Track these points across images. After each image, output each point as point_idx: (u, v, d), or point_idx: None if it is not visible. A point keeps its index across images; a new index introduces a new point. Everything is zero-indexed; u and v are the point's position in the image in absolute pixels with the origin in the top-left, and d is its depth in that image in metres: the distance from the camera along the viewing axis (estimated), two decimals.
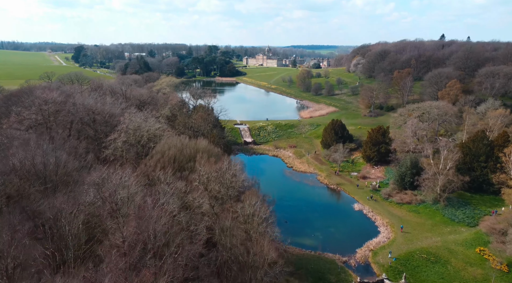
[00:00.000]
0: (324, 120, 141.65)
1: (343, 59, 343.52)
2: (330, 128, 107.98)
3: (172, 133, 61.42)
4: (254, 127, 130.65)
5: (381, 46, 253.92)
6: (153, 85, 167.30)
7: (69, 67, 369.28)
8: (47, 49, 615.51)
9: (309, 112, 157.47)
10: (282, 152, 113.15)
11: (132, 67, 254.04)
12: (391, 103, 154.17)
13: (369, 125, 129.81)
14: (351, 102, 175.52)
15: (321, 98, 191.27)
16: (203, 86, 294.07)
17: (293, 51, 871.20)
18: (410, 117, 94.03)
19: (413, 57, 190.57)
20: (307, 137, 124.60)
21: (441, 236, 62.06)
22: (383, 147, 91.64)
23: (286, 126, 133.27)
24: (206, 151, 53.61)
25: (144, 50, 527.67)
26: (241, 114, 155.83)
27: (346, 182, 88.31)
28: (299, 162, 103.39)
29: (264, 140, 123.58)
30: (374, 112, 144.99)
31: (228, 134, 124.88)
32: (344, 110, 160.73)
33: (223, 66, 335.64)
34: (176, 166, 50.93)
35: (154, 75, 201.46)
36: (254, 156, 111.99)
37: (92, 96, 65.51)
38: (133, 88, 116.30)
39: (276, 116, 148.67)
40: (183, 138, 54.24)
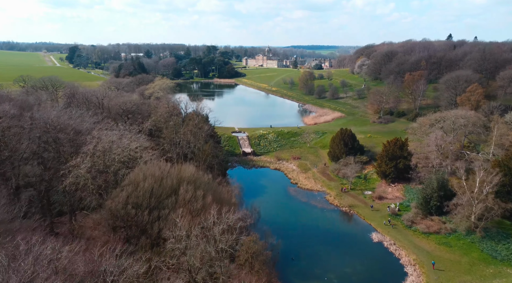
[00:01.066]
0: (330, 127, 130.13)
1: (345, 60, 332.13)
2: (338, 138, 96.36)
3: (155, 154, 49.83)
4: (253, 136, 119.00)
5: (387, 47, 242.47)
6: (146, 89, 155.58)
7: (62, 68, 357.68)
8: (42, 50, 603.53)
9: (313, 118, 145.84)
10: (285, 165, 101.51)
11: (126, 69, 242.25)
12: (401, 108, 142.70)
13: (380, 133, 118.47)
14: (357, 106, 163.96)
15: (325, 102, 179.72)
16: (200, 88, 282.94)
17: (293, 51, 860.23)
18: (433, 128, 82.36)
19: (423, 59, 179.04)
20: (312, 147, 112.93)
21: (483, 280, 50.50)
22: (401, 162, 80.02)
23: (289, 134, 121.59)
24: (193, 180, 42.03)
25: (142, 51, 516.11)
26: (240, 121, 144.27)
27: (359, 202, 76.67)
28: (304, 177, 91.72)
29: (265, 151, 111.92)
30: (384, 119, 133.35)
31: (225, 144, 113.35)
32: (350, 115, 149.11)
33: (222, 67, 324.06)
34: (153, 202, 39.32)
35: (147, 77, 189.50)
36: (254, 169, 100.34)
37: (56, 108, 53.89)
38: (120, 94, 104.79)
39: (278, 123, 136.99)
40: (163, 165, 42.66)
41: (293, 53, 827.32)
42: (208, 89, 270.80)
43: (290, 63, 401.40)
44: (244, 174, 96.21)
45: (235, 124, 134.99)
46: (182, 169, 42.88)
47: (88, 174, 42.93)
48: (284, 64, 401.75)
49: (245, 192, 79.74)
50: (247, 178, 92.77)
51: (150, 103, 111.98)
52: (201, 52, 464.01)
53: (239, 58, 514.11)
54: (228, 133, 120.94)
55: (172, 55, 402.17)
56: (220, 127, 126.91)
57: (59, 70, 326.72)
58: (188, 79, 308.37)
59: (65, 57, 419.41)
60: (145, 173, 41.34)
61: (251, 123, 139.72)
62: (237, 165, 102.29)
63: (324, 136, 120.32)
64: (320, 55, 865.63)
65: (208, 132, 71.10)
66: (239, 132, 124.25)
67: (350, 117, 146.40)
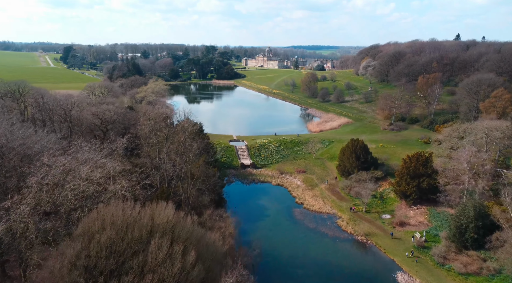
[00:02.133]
0: (337, 135, 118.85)
1: (349, 61, 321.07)
2: (349, 151, 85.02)
3: (126, 187, 38.47)
4: (253, 145, 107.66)
5: (393, 47, 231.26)
6: (137, 92, 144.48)
7: (56, 69, 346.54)
8: (38, 50, 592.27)
9: (318, 124, 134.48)
10: (288, 180, 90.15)
11: (120, 70, 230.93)
12: (414, 114, 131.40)
13: (393, 142, 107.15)
14: (365, 111, 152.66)
15: (329, 106, 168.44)
16: (198, 90, 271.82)
17: (293, 51, 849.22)
18: (462, 141, 71.01)
19: (434, 60, 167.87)
20: (318, 158, 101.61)
21: None
22: (425, 181, 68.74)
23: (292, 143, 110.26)
24: (170, 228, 30.74)
25: (140, 51, 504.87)
26: (238, 127, 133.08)
27: (377, 229, 65.35)
28: (311, 195, 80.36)
29: (266, 162, 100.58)
30: (396, 126, 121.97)
31: (222, 155, 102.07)
32: (358, 121, 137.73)
33: (221, 68, 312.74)
34: (112, 264, 28.02)
35: (140, 80, 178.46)
36: (254, 184, 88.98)
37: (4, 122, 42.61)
38: (103, 100, 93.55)
39: (280, 130, 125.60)
40: (129, 207, 31.27)
41: (294, 53, 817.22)
42: (206, 92, 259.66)
43: (291, 64, 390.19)
44: (242, 191, 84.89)
45: (233, 132, 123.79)
46: (156, 212, 31.62)
47: (28, 218, 31.62)
48: (285, 65, 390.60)
49: (244, 216, 68.73)
50: (246, 196, 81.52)
51: (139, 110, 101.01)
52: (199, 53, 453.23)
53: (239, 58, 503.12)
54: (225, 142, 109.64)
55: (170, 56, 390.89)
56: (217, 136, 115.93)
57: (52, 71, 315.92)
58: (185, 80, 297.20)
59: (60, 57, 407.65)
60: (104, 219, 30.05)
61: (250, 130, 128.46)
62: (235, 179, 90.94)
63: (331, 145, 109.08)
64: (321, 56, 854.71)
65: (198, 150, 59.57)
66: (237, 141, 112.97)
67: (358, 123, 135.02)
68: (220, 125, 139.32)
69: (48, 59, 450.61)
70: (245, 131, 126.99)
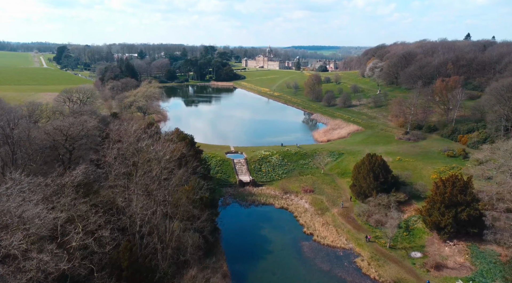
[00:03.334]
0: (347, 145, 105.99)
1: (353, 62, 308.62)
2: (366, 169, 72.17)
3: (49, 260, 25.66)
4: (253, 159, 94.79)
5: (402, 47, 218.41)
6: (125, 96, 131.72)
7: (48, 69, 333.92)
8: (33, 50, 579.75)
9: (325, 132, 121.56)
10: (294, 201, 77.34)
11: (112, 71, 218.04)
12: (431, 121, 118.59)
13: (412, 155, 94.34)
14: (375, 117, 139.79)
15: (336, 111, 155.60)
16: (196, 92, 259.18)
17: (294, 52, 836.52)
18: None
19: (449, 61, 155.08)
20: (327, 174, 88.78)
21: None
22: (465, 211, 55.89)
23: (297, 156, 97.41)
24: None
25: (137, 51, 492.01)
26: (236, 136, 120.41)
27: (407, 274, 52.44)
28: (321, 222, 67.53)
29: (267, 179, 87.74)
30: (412, 135, 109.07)
31: (218, 170, 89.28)
32: (369, 129, 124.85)
33: (220, 69, 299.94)
34: None
35: (131, 82, 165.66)
36: (253, 207, 76.13)
37: None
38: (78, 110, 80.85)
39: (283, 140, 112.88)
40: None
41: (295, 53, 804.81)
42: (203, 94, 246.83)
43: (292, 65, 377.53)
44: (240, 216, 72.09)
45: (230, 141, 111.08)
46: None
47: None
48: (286, 66, 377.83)
49: (241, 253, 56.33)
50: (244, 223, 68.74)
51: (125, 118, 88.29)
52: (198, 53, 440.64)
53: (239, 59, 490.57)
54: (221, 154, 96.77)
55: (167, 56, 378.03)
56: (212, 147, 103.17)
57: (43, 72, 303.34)
58: (182, 82, 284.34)
59: (53, 58, 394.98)
60: None
61: (250, 140, 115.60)
62: (231, 200, 78.14)
63: (341, 158, 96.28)
64: (322, 56, 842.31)
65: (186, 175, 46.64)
66: (235, 153, 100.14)
67: (369, 131, 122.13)
68: (216, 133, 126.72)
69: (42, 59, 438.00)
70: (244, 140, 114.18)
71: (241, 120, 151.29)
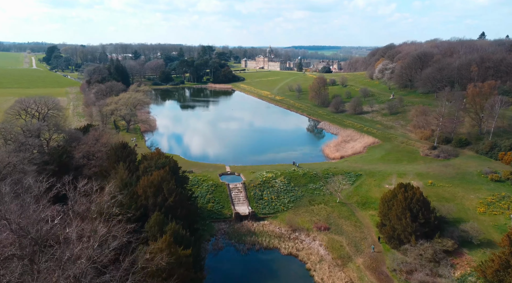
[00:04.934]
0: (365, 164, 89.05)
1: (359, 63, 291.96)
2: (401, 206, 55.18)
3: None
4: (253, 182, 77.77)
5: (415, 47, 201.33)
6: (105, 104, 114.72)
7: (37, 70, 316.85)
8: (26, 50, 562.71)
9: (336, 146, 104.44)
10: (305, 243, 60.39)
11: (100, 73, 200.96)
12: (460, 132, 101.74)
13: (445, 178, 77.55)
14: (392, 126, 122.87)
15: (345, 119, 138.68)
16: (191, 95, 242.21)
17: (295, 52, 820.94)
18: None
19: (472, 62, 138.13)
20: (343, 204, 71.84)
21: None
22: None
23: (306, 178, 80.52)
24: None
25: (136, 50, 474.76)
26: (233, 151, 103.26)
27: None
28: (344, 280, 50.57)
29: (271, 210, 70.76)
30: (442, 151, 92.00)
31: (209, 198, 72.36)
32: (387, 142, 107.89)
33: (217, 70, 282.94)
34: None
35: (118, 86, 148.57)
36: (253, 252, 59.17)
37: None
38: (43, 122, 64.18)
39: (287, 156, 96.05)
40: None
41: (295, 53, 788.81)
42: (199, 98, 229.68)
43: (294, 66, 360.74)
44: (235, 267, 55.14)
45: (225, 158, 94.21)
46: None
47: None
48: (287, 67, 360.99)
49: None
50: (240, 281, 51.81)
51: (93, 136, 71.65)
52: (196, 53, 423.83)
53: (238, 59, 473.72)
54: (214, 177, 79.76)
55: (163, 57, 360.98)
56: (203, 166, 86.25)
57: (30, 73, 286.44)
58: (177, 84, 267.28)
59: (43, 58, 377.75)
60: None
61: (249, 156, 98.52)
62: (225, 242, 61.21)
63: (359, 181, 79.40)
64: (323, 56, 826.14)
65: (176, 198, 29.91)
66: (231, 174, 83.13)
67: (387, 144, 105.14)
68: (209, 147, 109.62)
69: (33, 60, 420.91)
70: (242, 156, 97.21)
71: (239, 131, 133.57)
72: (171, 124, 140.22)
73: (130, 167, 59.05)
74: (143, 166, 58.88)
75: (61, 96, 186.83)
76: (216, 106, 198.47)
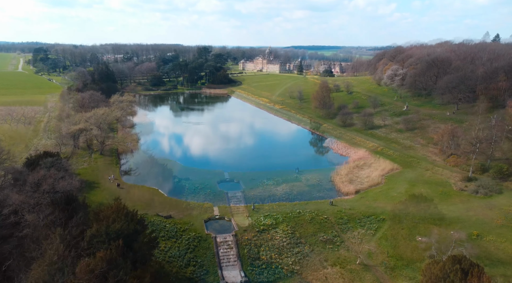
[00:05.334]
0: (387, 201, 71.81)
1: (363, 66, 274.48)
2: None
3: None
4: (248, 233, 60.48)
5: (427, 51, 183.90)
6: (74, 122, 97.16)
7: (21, 74, 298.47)
8: (16, 51, 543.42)
9: (348, 174, 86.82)
10: None
11: (83, 78, 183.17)
12: (498, 158, 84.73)
13: (492, 227, 60.68)
14: (410, 146, 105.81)
15: (355, 135, 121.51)
16: (184, 102, 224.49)
17: (294, 52, 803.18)
18: None
19: (500, 70, 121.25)
20: (366, 266, 54.64)
21: None
22: None
23: (314, 225, 63.33)
24: None
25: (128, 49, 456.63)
26: (222, 184, 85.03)
27: None
28: None
29: (270, 278, 53.22)
30: (481, 185, 74.75)
31: (188, 259, 55.02)
32: (408, 168, 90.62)
33: (213, 74, 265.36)
34: None
35: (95, 96, 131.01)
36: None
37: None
38: None
39: (291, 192, 78.87)
40: None
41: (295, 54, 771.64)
42: (192, 105, 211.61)
43: (294, 67, 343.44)
44: None
45: (213, 196, 76.48)
46: None
47: None
48: (287, 69, 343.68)
49: None
50: None
51: None
52: (191, 55, 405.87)
53: (236, 61, 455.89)
54: (198, 226, 62.41)
55: (157, 58, 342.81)
56: (186, 206, 68.78)
57: (11, 78, 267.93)
58: (170, 89, 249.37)
59: (29, 60, 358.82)
60: None
61: (242, 190, 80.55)
62: None
63: (383, 230, 62.42)
64: (323, 57, 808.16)
65: None
66: (220, 219, 65.79)
67: (409, 172, 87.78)
68: (194, 178, 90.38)
69: (21, 61, 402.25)
70: (233, 191, 79.45)
71: (231, 151, 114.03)
72: (154, 143, 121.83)
73: (72, 233, 41.79)
74: (90, 234, 41.58)
75: (38, 105, 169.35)
76: (209, 116, 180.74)
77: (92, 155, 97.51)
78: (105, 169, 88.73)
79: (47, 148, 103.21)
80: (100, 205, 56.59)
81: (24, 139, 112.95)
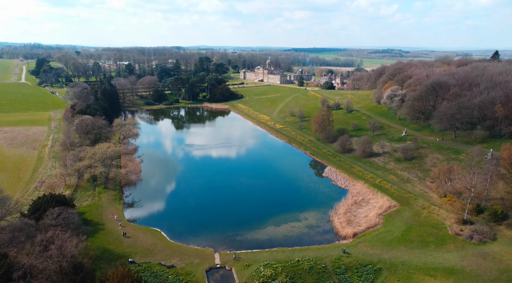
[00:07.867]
0: (383, 247, 73.81)
1: (363, 80, 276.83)
2: None
3: None
4: None
5: (426, 72, 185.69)
6: (79, 157, 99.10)
7: (24, 85, 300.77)
8: (19, 56, 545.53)
9: (347, 212, 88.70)
10: None
11: (85, 99, 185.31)
12: (493, 198, 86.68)
13: (487, 280, 62.47)
14: (408, 179, 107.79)
15: (354, 163, 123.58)
16: (184, 117, 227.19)
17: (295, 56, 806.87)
18: None
19: (497, 100, 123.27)
20: None
21: None
22: None
23: (313, 275, 65.28)
24: None
25: (130, 56, 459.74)
26: (222, 215, 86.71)
27: None
28: None
29: None
30: (476, 230, 76.61)
31: None
32: (406, 206, 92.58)
33: (214, 88, 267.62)
34: None
35: (99, 122, 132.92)
36: None
37: None
38: None
39: (290, 234, 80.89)
40: None
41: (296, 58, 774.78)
42: (192, 123, 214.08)
43: (294, 78, 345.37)
44: None
45: (209, 235, 78.36)
46: None
47: None
48: (287, 80, 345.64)
49: None
50: None
51: None
52: (192, 63, 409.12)
53: (237, 69, 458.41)
54: (199, 276, 64.30)
55: (158, 69, 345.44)
56: (185, 251, 70.66)
57: (15, 90, 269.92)
58: (172, 103, 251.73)
59: (32, 71, 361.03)
60: None
61: (242, 231, 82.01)
62: None
63: (377, 281, 64.17)
64: (324, 61, 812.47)
65: None
66: (221, 268, 67.71)
67: (406, 211, 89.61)
68: (191, 214, 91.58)
69: (24, 70, 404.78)
70: (234, 232, 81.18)
71: (232, 183, 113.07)
72: (156, 170, 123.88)
73: None
74: None
75: (42, 124, 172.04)
76: (209, 137, 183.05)
77: (96, 188, 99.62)
78: (109, 206, 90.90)
79: (52, 179, 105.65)
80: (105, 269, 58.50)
81: (29, 168, 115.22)
